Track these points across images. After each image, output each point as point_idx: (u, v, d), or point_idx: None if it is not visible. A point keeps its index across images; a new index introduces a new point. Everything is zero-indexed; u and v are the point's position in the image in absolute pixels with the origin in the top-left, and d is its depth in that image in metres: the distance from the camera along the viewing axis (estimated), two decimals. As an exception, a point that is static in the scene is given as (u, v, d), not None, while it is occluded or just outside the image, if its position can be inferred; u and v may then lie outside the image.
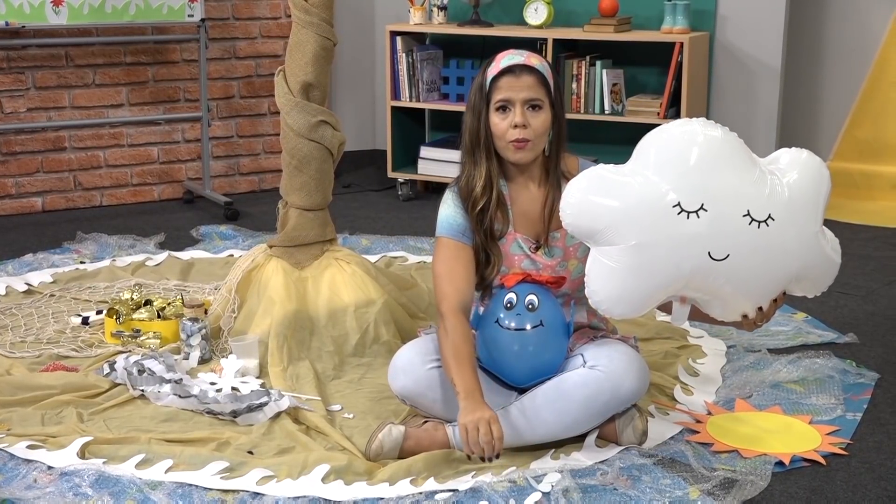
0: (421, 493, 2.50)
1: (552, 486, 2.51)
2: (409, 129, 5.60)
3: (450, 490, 2.51)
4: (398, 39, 5.35)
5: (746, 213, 2.44)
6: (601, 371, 2.63)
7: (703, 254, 2.44)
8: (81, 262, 4.31)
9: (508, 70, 2.70)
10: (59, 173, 5.23)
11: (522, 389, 2.71)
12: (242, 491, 2.52)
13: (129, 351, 3.33)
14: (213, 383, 3.06)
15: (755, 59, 5.12)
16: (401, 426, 2.69)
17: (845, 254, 2.66)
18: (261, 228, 4.78)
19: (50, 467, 2.62)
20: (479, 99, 2.73)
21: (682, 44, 4.86)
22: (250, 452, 2.71)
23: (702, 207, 2.43)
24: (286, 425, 2.85)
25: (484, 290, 2.79)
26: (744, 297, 2.54)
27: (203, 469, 2.61)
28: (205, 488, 2.53)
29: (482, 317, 2.71)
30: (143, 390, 3.03)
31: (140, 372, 3.06)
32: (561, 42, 5.10)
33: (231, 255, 4.42)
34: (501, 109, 2.70)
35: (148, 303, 3.52)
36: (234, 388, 3.02)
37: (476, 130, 2.74)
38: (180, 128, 5.45)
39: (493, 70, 2.72)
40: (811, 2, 5.35)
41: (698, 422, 2.87)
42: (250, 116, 5.62)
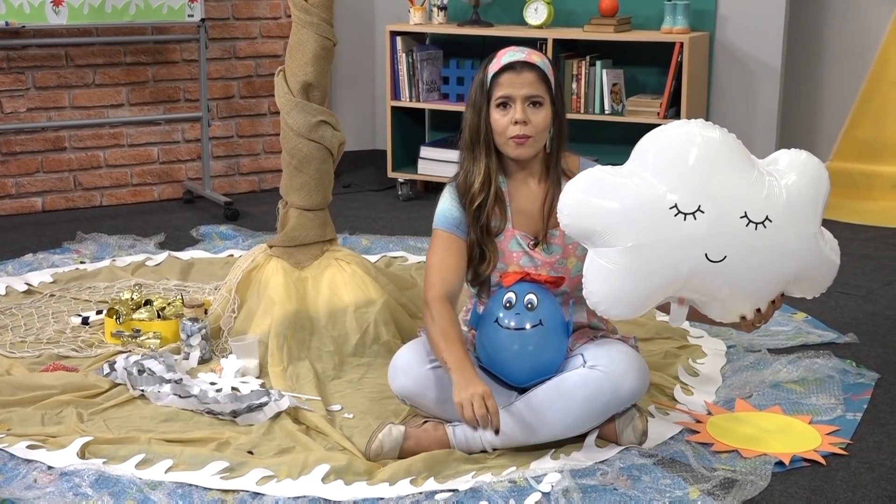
0: (421, 493, 2.50)
1: (552, 486, 2.51)
2: (409, 129, 5.59)
3: (450, 490, 2.51)
4: (398, 39, 5.35)
5: (744, 215, 2.44)
6: (601, 371, 2.63)
7: (700, 255, 2.44)
8: (81, 262, 4.31)
9: (509, 67, 2.70)
10: (59, 173, 5.23)
11: (522, 389, 2.71)
12: (242, 491, 2.52)
13: (129, 351, 3.33)
14: (213, 383, 3.06)
15: (755, 59, 5.11)
16: (401, 426, 2.69)
17: (845, 254, 2.66)
18: (261, 228, 4.78)
19: (50, 467, 2.62)
20: (480, 95, 2.74)
21: (682, 44, 4.86)
22: (250, 452, 2.71)
23: (699, 209, 2.42)
24: (286, 425, 2.85)
25: (480, 286, 2.80)
26: (742, 298, 2.53)
27: (203, 469, 2.60)
28: (205, 488, 2.53)
29: (481, 316, 2.71)
30: (143, 390, 3.03)
31: (140, 372, 3.06)
32: (561, 42, 5.10)
33: (231, 255, 4.41)
34: (502, 106, 2.71)
35: (148, 303, 3.52)
36: (234, 388, 3.02)
37: (476, 127, 2.74)
38: (180, 128, 5.45)
39: (494, 66, 2.73)
40: (811, 2, 5.34)
41: (698, 422, 2.87)
42: (250, 116, 5.62)
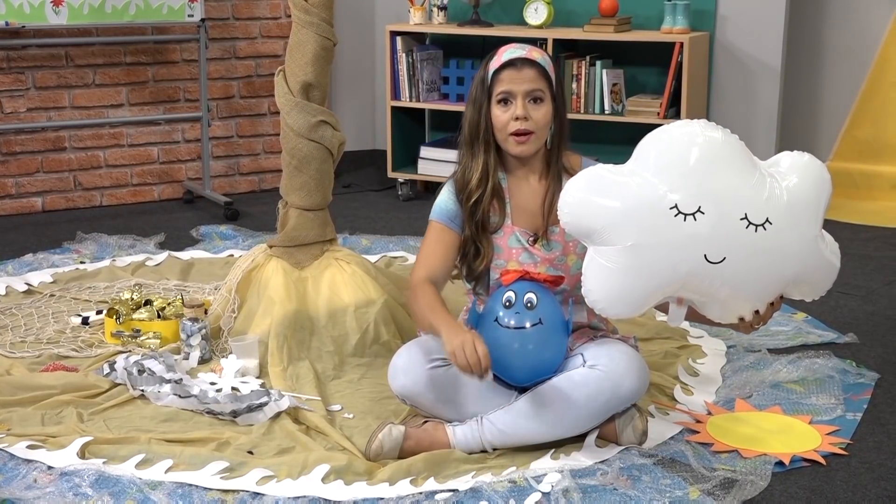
0: (421, 493, 2.50)
1: (552, 486, 2.51)
2: (409, 129, 5.59)
3: (450, 490, 2.51)
4: (398, 39, 5.35)
5: (744, 217, 2.43)
6: (601, 370, 2.63)
7: (699, 256, 2.43)
8: (81, 262, 4.31)
9: (510, 63, 2.71)
10: (59, 173, 5.23)
11: (522, 389, 2.70)
12: (242, 491, 2.52)
13: (129, 351, 3.33)
14: (213, 383, 3.06)
15: (755, 59, 5.11)
16: (401, 426, 2.69)
17: (845, 254, 2.66)
18: (261, 228, 4.78)
19: (50, 467, 2.62)
20: (481, 92, 2.75)
21: (682, 44, 4.86)
22: (250, 452, 2.71)
23: (699, 210, 2.42)
24: (286, 425, 2.84)
25: (476, 281, 2.80)
26: (740, 300, 2.53)
27: (203, 469, 2.60)
28: (205, 488, 2.53)
29: (481, 315, 2.70)
30: (143, 390, 3.03)
31: (140, 372, 3.05)
32: (561, 42, 5.10)
33: (231, 255, 4.41)
34: (503, 102, 2.72)
35: (148, 303, 3.52)
36: (234, 388, 3.02)
37: (476, 123, 2.75)
38: (180, 128, 5.45)
39: (495, 63, 2.74)
40: (811, 2, 5.34)
41: (698, 422, 2.87)
42: (250, 116, 5.62)
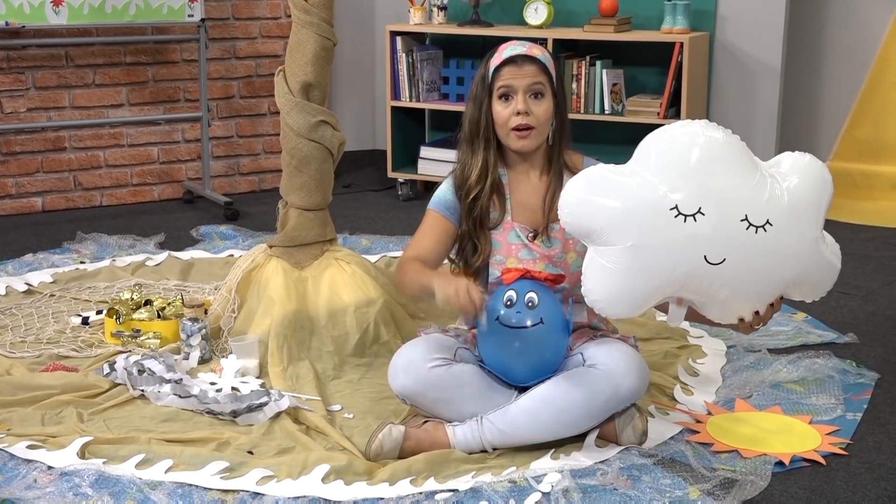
0: (421, 493, 2.50)
1: (552, 486, 2.51)
2: (409, 129, 5.59)
3: (450, 490, 2.51)
4: (398, 39, 5.35)
5: (744, 218, 2.43)
6: (601, 370, 2.63)
7: (699, 257, 2.43)
8: (81, 262, 4.31)
9: (511, 60, 2.73)
10: (59, 173, 5.23)
11: (523, 388, 2.71)
12: (242, 491, 2.52)
13: (129, 351, 3.33)
14: (213, 383, 3.06)
15: (755, 59, 5.11)
16: (401, 426, 2.69)
17: (845, 254, 2.65)
18: (261, 228, 4.78)
19: (50, 467, 2.62)
20: (482, 89, 2.76)
21: (682, 44, 4.86)
22: (250, 452, 2.70)
23: (699, 211, 2.42)
24: (286, 425, 2.84)
25: (475, 277, 2.80)
26: (740, 300, 2.53)
27: (203, 469, 2.60)
28: (205, 488, 2.53)
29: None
30: (143, 390, 3.03)
31: (140, 372, 3.05)
32: (561, 42, 5.10)
33: (231, 255, 4.41)
34: (504, 98, 2.73)
35: (148, 303, 3.52)
36: (234, 388, 3.02)
37: (476, 120, 2.77)
38: (180, 128, 5.45)
39: (495, 60, 2.75)
40: (811, 2, 5.34)
41: (698, 422, 2.87)
42: (250, 116, 5.62)
